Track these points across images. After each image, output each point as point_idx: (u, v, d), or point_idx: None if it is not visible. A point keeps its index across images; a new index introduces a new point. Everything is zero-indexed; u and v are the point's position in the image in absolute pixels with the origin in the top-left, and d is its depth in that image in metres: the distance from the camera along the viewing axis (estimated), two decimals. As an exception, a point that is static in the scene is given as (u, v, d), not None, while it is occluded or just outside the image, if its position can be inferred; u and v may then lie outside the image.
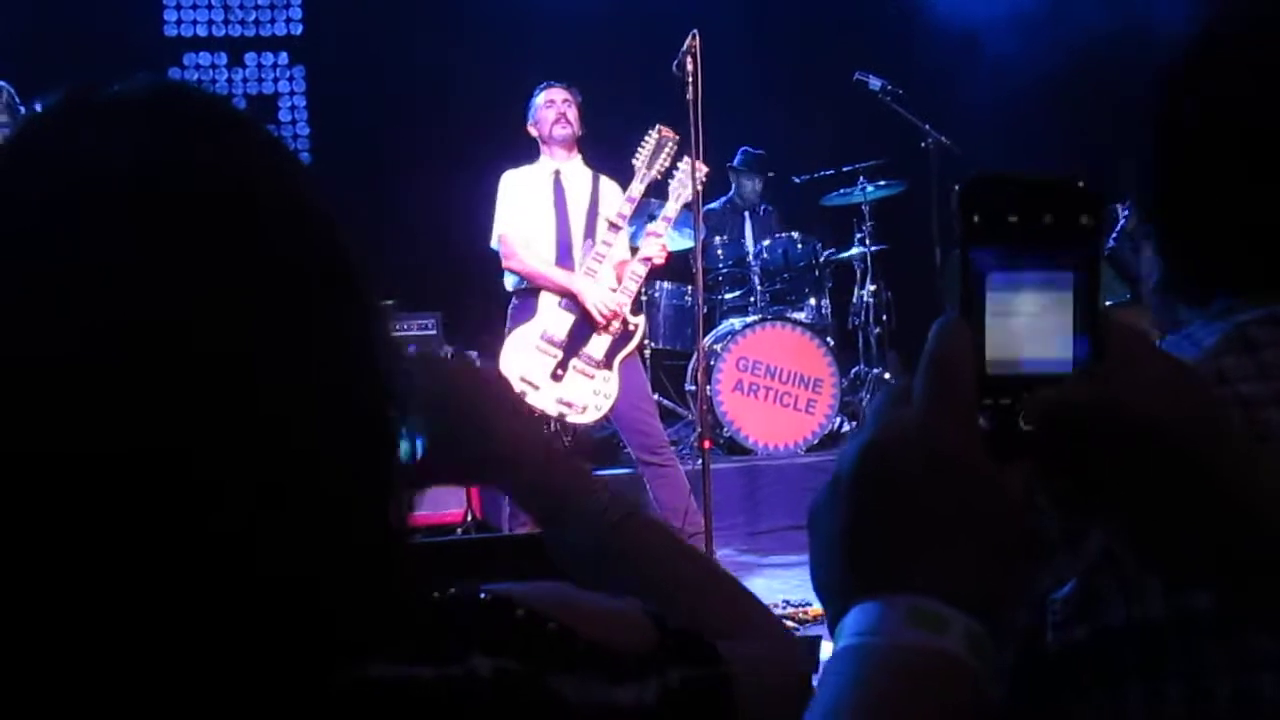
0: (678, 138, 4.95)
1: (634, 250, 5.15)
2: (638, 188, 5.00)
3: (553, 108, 5.09)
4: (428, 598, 0.78)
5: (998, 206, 0.64)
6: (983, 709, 0.60)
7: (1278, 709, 0.85)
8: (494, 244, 5.10)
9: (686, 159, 4.91)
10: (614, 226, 5.00)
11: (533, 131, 5.18)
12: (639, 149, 5.00)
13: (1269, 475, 0.66)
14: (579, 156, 5.20)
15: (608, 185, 5.15)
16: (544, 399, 4.88)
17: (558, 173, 5.12)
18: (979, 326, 0.64)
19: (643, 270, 4.99)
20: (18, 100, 4.10)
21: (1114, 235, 3.70)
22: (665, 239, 5.06)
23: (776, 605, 4.41)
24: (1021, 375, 0.64)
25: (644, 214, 5.25)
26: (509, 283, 5.11)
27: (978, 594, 0.60)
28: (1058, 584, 0.91)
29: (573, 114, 5.09)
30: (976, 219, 0.64)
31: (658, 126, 5.01)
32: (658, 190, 5.11)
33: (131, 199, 0.69)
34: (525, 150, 5.27)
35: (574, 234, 5.05)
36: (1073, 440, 0.63)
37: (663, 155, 4.98)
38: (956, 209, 0.64)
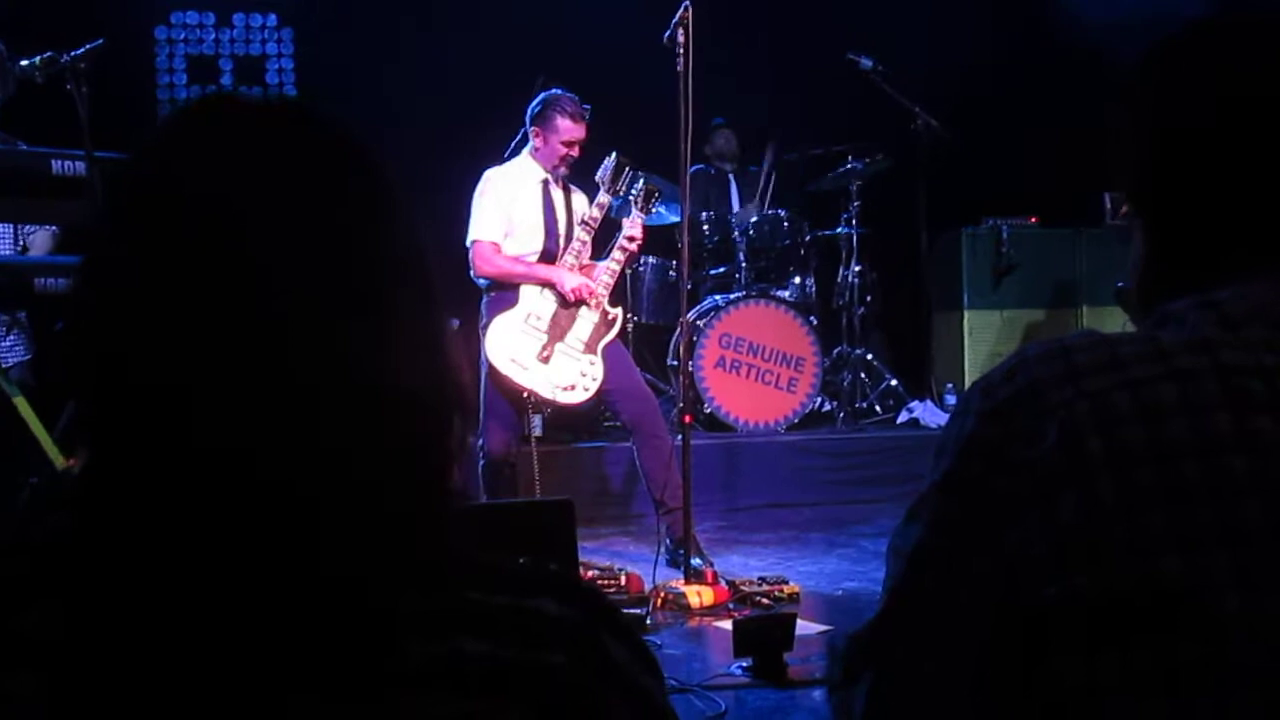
0: (635, 168, 5.04)
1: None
2: (604, 199, 5.08)
3: (571, 148, 5.00)
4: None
5: None
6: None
7: (1241, 668, 0.86)
8: (468, 242, 5.05)
9: (641, 181, 5.05)
10: (587, 226, 5.09)
11: (536, 140, 5.05)
12: (600, 169, 5.05)
13: None
14: None
15: (578, 195, 5.20)
16: (534, 379, 4.91)
17: (546, 182, 5.10)
18: None
19: (618, 266, 5.07)
20: (4, 54, 4.03)
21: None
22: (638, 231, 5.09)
23: (752, 582, 4.42)
24: None
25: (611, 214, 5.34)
26: (481, 281, 5.09)
27: None
28: (1027, 544, 0.92)
29: (576, 152, 5.06)
30: None
31: (614, 153, 5.03)
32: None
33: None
34: (508, 123, 5.20)
35: (560, 244, 5.08)
36: None
37: (621, 179, 5.03)
38: None
